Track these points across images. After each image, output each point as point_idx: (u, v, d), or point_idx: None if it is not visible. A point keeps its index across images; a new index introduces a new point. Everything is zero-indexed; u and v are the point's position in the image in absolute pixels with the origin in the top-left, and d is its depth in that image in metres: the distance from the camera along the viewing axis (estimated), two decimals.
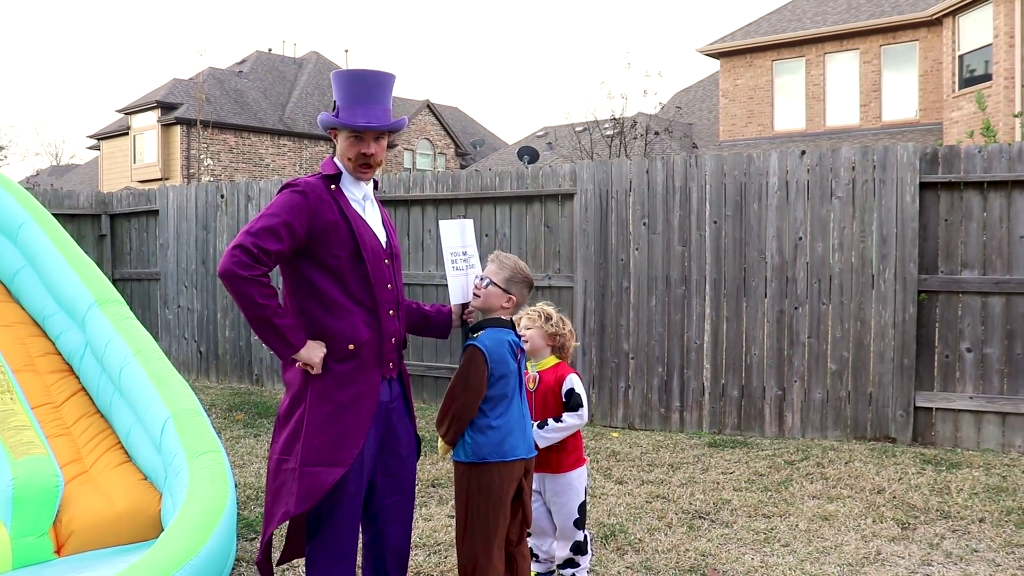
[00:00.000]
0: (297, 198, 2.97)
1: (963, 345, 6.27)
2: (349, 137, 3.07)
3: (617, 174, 7.21)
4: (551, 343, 3.74)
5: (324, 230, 2.97)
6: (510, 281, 3.30)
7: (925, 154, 6.34)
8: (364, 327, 3.03)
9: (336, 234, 2.99)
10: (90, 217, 10.17)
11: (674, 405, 7.03)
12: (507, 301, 3.30)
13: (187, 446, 4.17)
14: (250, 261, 2.83)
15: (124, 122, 31.21)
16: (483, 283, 3.31)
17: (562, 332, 3.74)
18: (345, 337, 2.99)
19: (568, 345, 3.78)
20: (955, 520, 4.68)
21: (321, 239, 2.98)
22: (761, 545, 4.36)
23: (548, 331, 3.70)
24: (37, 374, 5.06)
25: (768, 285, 6.75)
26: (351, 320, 3.01)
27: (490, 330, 3.23)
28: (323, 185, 3.05)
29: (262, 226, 2.90)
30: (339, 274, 3.01)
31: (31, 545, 3.81)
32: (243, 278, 2.82)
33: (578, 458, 3.78)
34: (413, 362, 8.18)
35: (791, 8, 24.38)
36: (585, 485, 3.81)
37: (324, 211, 2.99)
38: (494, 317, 3.31)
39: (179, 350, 9.74)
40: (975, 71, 19.16)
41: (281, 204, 2.96)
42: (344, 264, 3.01)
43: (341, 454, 2.95)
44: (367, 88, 3.07)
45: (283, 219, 2.92)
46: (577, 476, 3.77)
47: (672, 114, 26.75)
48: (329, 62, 36.05)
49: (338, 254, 2.99)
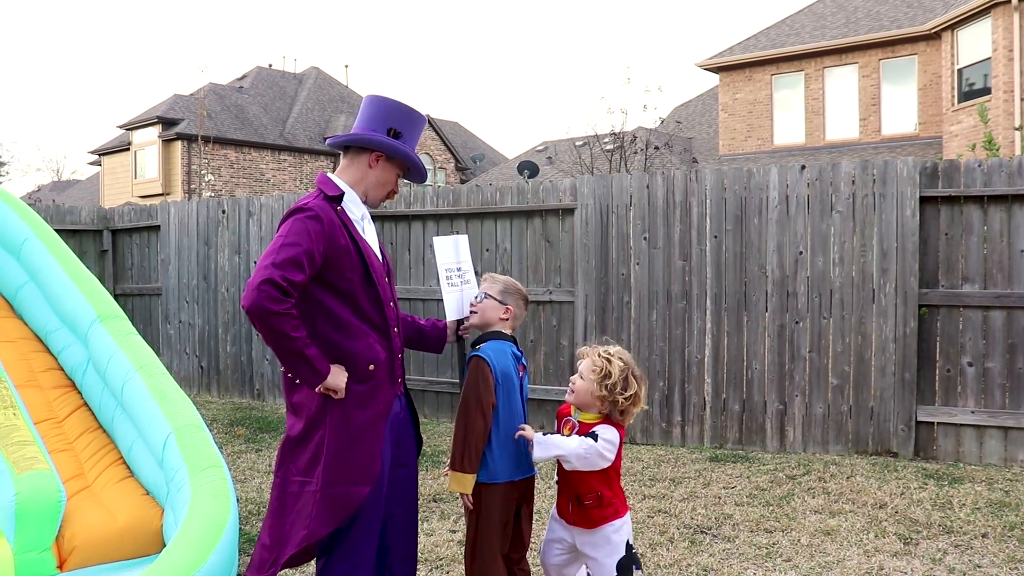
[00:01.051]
0: (313, 224, 2.92)
1: (964, 359, 6.27)
2: (395, 171, 3.11)
3: (618, 189, 7.23)
4: (600, 405, 3.13)
5: (337, 254, 2.96)
6: (504, 293, 3.33)
7: (925, 168, 6.37)
8: (380, 347, 3.06)
9: (348, 258, 2.99)
10: (92, 232, 10.19)
11: (675, 419, 7.02)
12: (504, 312, 3.32)
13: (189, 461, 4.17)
14: (280, 295, 2.79)
15: (125, 138, 31.31)
16: (478, 299, 3.35)
17: (617, 398, 3.08)
18: (365, 358, 3.01)
19: (629, 411, 3.14)
20: (958, 535, 4.67)
21: (334, 263, 2.96)
22: (763, 560, 4.35)
23: (597, 393, 3.10)
24: (40, 389, 5.06)
25: (769, 299, 6.76)
26: (367, 341, 3.03)
27: (492, 342, 3.25)
28: (330, 207, 3.01)
29: (286, 257, 2.83)
30: (352, 297, 3.01)
31: (34, 561, 3.80)
32: (275, 313, 2.78)
33: (616, 510, 3.18)
34: (414, 377, 8.18)
35: (790, 23, 24.49)
36: (627, 538, 3.20)
37: (336, 235, 2.97)
38: (494, 331, 3.32)
39: (180, 365, 9.74)
40: (974, 84, 19.23)
41: (299, 231, 2.90)
42: (356, 287, 3.02)
43: (366, 472, 2.98)
44: (420, 132, 3.14)
45: (304, 248, 2.87)
46: (614, 529, 3.18)
47: (672, 128, 26.83)
48: (329, 77, 36.20)
49: (351, 277, 3.00)
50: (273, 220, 9.06)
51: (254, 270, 2.87)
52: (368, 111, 3.09)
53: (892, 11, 22.63)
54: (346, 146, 3.14)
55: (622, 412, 3.12)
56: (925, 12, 21.68)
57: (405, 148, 3.07)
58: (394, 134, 3.06)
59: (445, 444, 6.85)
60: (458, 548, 4.49)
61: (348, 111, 34.64)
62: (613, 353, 3.13)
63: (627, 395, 3.08)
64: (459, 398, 3.22)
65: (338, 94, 35.65)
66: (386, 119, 3.04)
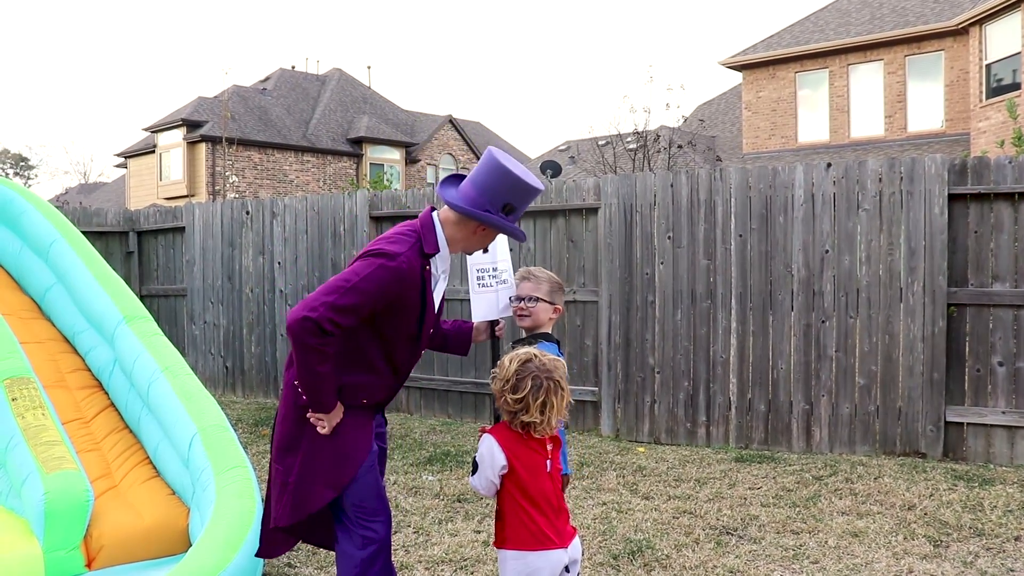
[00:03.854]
0: (394, 280, 2.86)
1: (995, 359, 6.18)
2: (493, 234, 3.11)
3: (641, 188, 7.20)
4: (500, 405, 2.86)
5: (400, 310, 2.95)
6: (552, 292, 3.38)
7: (954, 165, 6.28)
8: (384, 389, 3.11)
9: (408, 316, 2.99)
10: (118, 234, 10.28)
11: (700, 420, 6.98)
12: (554, 312, 3.38)
13: (214, 461, 4.20)
14: (321, 334, 2.78)
15: (150, 140, 31.59)
16: (529, 303, 3.34)
17: (507, 397, 2.79)
18: (363, 392, 3.04)
19: (519, 418, 2.80)
20: (989, 538, 4.60)
21: (391, 316, 2.95)
22: (790, 562, 4.31)
23: (495, 391, 2.84)
24: (67, 390, 5.11)
25: (795, 298, 6.70)
26: (378, 381, 3.07)
27: (542, 344, 3.19)
28: (419, 263, 2.94)
29: (348, 303, 2.80)
30: (390, 344, 3.03)
31: (63, 559, 3.84)
32: (309, 345, 2.80)
33: (505, 539, 2.84)
34: (438, 377, 8.19)
35: (814, 19, 24.29)
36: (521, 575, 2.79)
37: (410, 294, 2.94)
38: (542, 332, 3.34)
39: (205, 365, 9.80)
40: (1003, 80, 18.98)
41: (375, 280, 2.83)
42: (399, 340, 3.03)
43: (335, 478, 3.01)
44: (532, 201, 3.14)
45: (373, 298, 2.84)
46: (501, 560, 2.85)
47: (695, 127, 26.70)
48: (352, 78, 36.33)
49: (400, 331, 3.01)
50: (297, 221, 9.09)
51: (316, 291, 2.83)
52: (488, 179, 2.98)
53: (918, 6, 22.39)
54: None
55: (512, 415, 2.79)
56: (952, 7, 21.43)
57: (513, 227, 3.05)
58: (508, 209, 3.02)
59: (469, 444, 6.84)
60: (482, 548, 4.48)
61: (370, 112, 34.76)
62: (534, 355, 2.81)
63: (516, 396, 2.75)
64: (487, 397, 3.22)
65: (361, 95, 35.77)
66: (504, 194, 2.98)
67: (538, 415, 2.76)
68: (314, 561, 4.37)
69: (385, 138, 33.49)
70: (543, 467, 2.86)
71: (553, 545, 2.81)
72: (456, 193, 3.03)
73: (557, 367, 2.82)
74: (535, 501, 2.81)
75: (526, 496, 2.80)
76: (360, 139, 32.88)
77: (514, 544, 2.81)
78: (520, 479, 2.80)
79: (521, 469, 2.80)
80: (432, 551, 4.49)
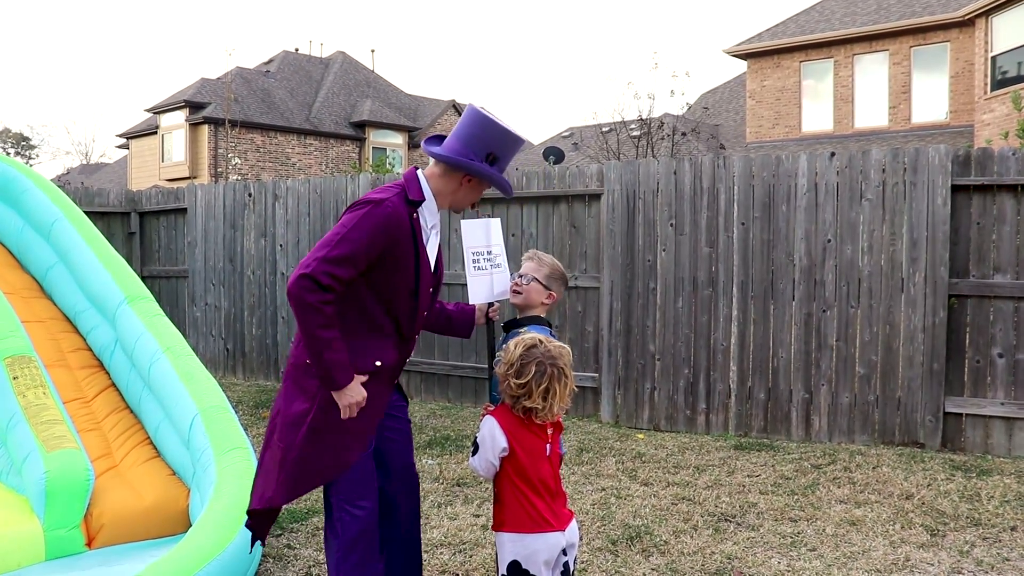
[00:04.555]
0: (382, 221, 2.89)
1: (994, 350, 6.19)
2: (483, 188, 3.14)
3: (645, 175, 7.19)
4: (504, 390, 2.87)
5: (394, 258, 2.95)
6: (550, 278, 3.37)
7: (957, 156, 6.27)
8: (395, 351, 3.08)
9: (404, 266, 2.98)
10: (120, 215, 10.27)
11: (700, 407, 6.99)
12: (547, 297, 3.37)
13: (215, 442, 4.22)
14: (318, 289, 2.80)
15: (153, 121, 31.51)
16: (524, 280, 3.35)
17: (510, 382, 2.82)
18: (374, 356, 3.01)
19: (522, 402, 2.82)
20: (986, 528, 4.62)
21: (387, 266, 2.95)
22: (788, 549, 4.33)
23: (500, 374, 2.86)
24: (68, 369, 5.12)
25: (796, 287, 6.70)
26: (385, 343, 3.04)
27: (533, 327, 3.22)
28: (406, 210, 2.97)
29: (340, 254, 2.82)
30: (390, 301, 3.02)
31: (63, 538, 3.86)
32: (309, 304, 2.80)
33: (503, 521, 2.86)
34: (438, 361, 8.20)
35: (819, 9, 24.19)
36: (510, 560, 2.82)
37: (402, 240, 2.95)
38: (533, 315, 3.35)
39: (206, 347, 9.81)
40: (1008, 72, 18.91)
41: (364, 228, 2.87)
42: (399, 294, 3.02)
43: (340, 458, 2.98)
44: (516, 152, 3.14)
45: (365, 246, 2.86)
46: (499, 543, 2.87)
47: (699, 115, 26.62)
48: (355, 62, 36.22)
49: (397, 284, 3.00)
50: (299, 204, 9.09)
51: (309, 252, 2.87)
52: (470, 129, 3.04)
53: None
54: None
55: (514, 399, 2.81)
56: None
57: (499, 177, 3.09)
58: (491, 159, 3.05)
59: (469, 428, 6.86)
60: (481, 532, 4.50)
61: (374, 96, 34.66)
62: (540, 340, 2.83)
63: (519, 381, 2.77)
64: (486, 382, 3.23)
65: (364, 79, 35.67)
66: (487, 143, 3.02)
67: (540, 401, 2.77)
68: (313, 543, 4.39)
69: (388, 122, 33.41)
70: (543, 451, 2.87)
71: (551, 528, 2.82)
72: (440, 148, 3.09)
73: (563, 354, 2.82)
74: (533, 484, 2.82)
75: (525, 479, 2.82)
76: (363, 123, 32.81)
77: (512, 527, 2.82)
78: (520, 462, 2.81)
79: (521, 452, 2.82)
80: (431, 534, 4.50)
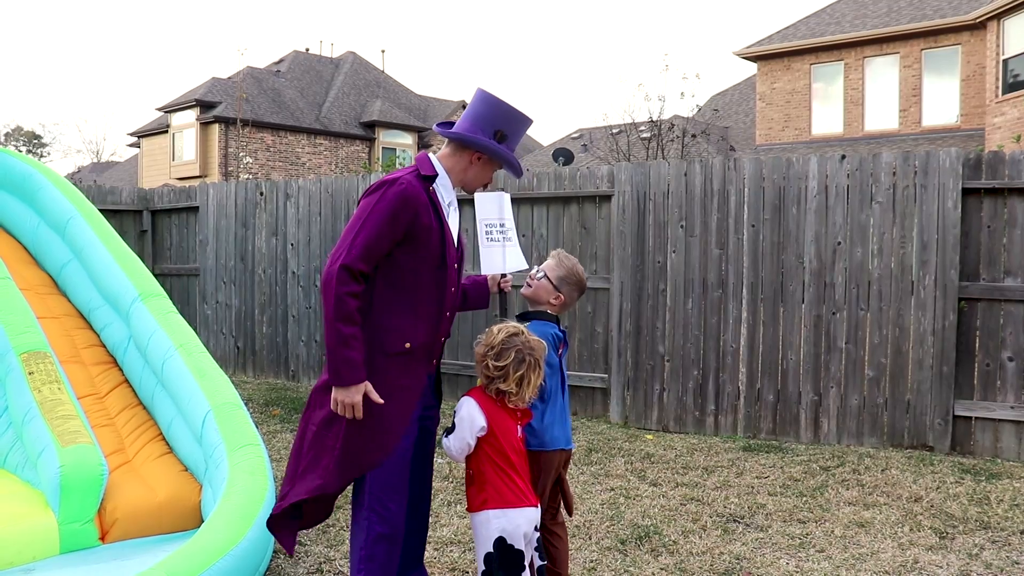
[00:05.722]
0: (399, 199, 2.96)
1: (1004, 354, 6.18)
2: (494, 167, 3.22)
3: (655, 176, 7.20)
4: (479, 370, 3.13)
5: (417, 234, 3.00)
6: (562, 280, 3.41)
7: (968, 159, 6.27)
8: (424, 329, 3.09)
9: (428, 239, 3.03)
10: (132, 213, 10.33)
11: (709, 408, 7.00)
12: (555, 298, 3.41)
13: (227, 439, 4.24)
14: (353, 278, 2.90)
15: (164, 120, 31.63)
16: (537, 275, 3.42)
17: (488, 363, 3.05)
18: (403, 335, 3.04)
19: (497, 384, 3.04)
20: (995, 531, 4.62)
21: (412, 242, 3.00)
22: (796, 550, 4.34)
23: (479, 354, 3.11)
24: (83, 365, 5.16)
25: (806, 290, 6.70)
26: (414, 321, 3.06)
27: (535, 322, 3.30)
28: (422, 186, 3.05)
29: (367, 237, 2.91)
30: (417, 277, 3.05)
31: (77, 531, 3.89)
32: (341, 296, 2.88)
33: (489, 499, 3.00)
34: (448, 361, 8.22)
35: (830, 11, 24.14)
36: (496, 536, 2.98)
37: (423, 213, 3.01)
38: (539, 310, 3.40)
39: (217, 345, 9.86)
40: (1019, 76, 18.85)
41: (386, 208, 2.95)
42: (426, 267, 3.05)
43: (382, 441, 3.01)
44: (524, 132, 3.21)
45: (389, 224, 2.94)
46: (482, 521, 3.01)
47: (708, 117, 26.60)
48: (365, 62, 36.29)
49: (424, 256, 3.04)
50: (311, 203, 9.13)
51: (337, 243, 2.95)
52: (479, 109, 3.13)
53: (936, 0, 22.24)
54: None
55: (488, 379, 3.02)
56: (970, 1, 21.28)
57: (508, 154, 3.16)
58: (500, 137, 3.13)
59: None
60: None
61: (384, 96, 34.73)
62: (521, 331, 3.05)
63: (498, 364, 2.98)
64: None
65: (374, 79, 35.74)
66: (495, 121, 3.11)
67: (514, 386, 2.99)
68: (323, 540, 4.41)
69: (398, 122, 33.46)
70: (515, 431, 3.07)
71: (530, 503, 3.05)
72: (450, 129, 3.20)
73: (538, 348, 3.04)
74: (512, 461, 3.03)
75: (503, 456, 3.01)
76: (373, 123, 32.87)
77: (496, 503, 2.99)
78: (498, 440, 3.01)
79: (498, 431, 3.02)
80: (441, 532, 4.53)
